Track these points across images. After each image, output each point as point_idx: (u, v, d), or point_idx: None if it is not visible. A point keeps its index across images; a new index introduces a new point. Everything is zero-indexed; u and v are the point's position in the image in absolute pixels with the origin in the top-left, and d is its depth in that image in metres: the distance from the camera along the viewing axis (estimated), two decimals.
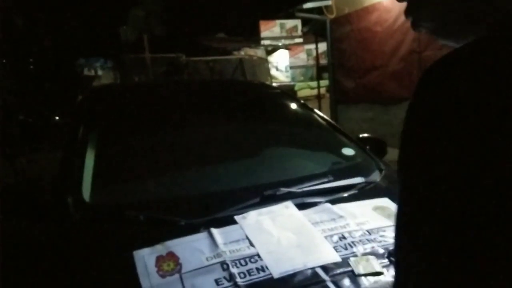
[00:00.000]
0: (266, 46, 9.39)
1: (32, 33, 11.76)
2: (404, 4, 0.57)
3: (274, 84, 8.24)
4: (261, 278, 1.22)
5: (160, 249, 1.33)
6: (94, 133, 2.01)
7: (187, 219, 1.47)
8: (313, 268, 1.25)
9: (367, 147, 2.23)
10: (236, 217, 1.50)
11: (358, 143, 2.23)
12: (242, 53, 9.92)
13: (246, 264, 1.28)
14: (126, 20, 9.34)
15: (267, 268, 1.25)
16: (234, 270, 1.24)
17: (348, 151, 2.16)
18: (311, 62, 9.50)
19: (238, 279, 1.20)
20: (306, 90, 9.65)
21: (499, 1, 0.48)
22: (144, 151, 2.05)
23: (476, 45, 0.47)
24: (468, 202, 0.43)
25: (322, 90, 8.00)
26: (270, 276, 1.23)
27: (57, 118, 10.14)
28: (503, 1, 0.48)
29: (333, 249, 1.34)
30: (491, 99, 0.42)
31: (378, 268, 1.25)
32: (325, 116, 2.52)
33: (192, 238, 1.38)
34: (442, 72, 0.47)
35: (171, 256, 1.30)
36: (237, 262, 1.28)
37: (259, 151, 2.14)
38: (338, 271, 1.25)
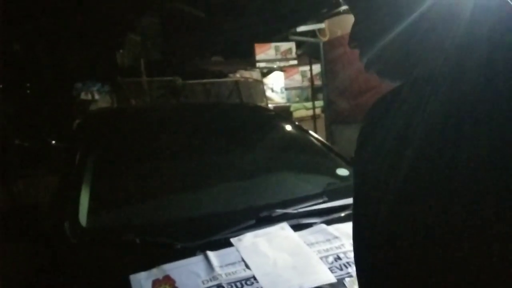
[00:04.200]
0: (261, 68, 9.50)
1: (29, 57, 11.87)
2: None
3: (270, 106, 8.31)
4: None
5: (156, 272, 1.33)
6: (91, 157, 2.03)
7: (183, 242, 1.48)
8: None
9: None
10: (232, 240, 1.51)
11: (352, 163, 2.25)
12: (238, 75, 10.02)
13: (242, 286, 1.28)
14: (123, 44, 9.46)
15: None
16: None
17: (342, 172, 2.18)
18: (306, 83, 9.59)
19: None
20: (301, 110, 9.71)
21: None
22: (140, 175, 2.07)
23: (399, 88, 0.64)
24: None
25: (318, 111, 8.07)
26: None
27: (53, 142, 10.14)
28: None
29: (328, 270, 1.35)
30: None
31: None
32: (319, 137, 2.55)
33: (188, 261, 1.39)
34: (379, 108, 0.66)
35: (168, 279, 1.31)
36: (233, 284, 1.29)
37: (254, 173, 2.16)
38: None
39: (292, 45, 8.32)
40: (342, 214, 1.72)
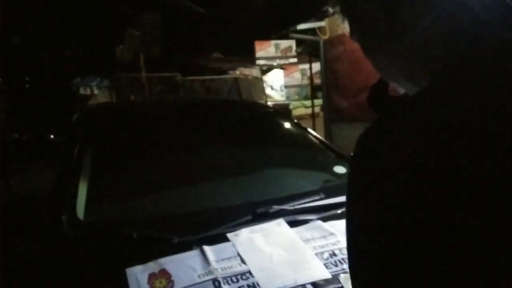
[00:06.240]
0: (261, 66, 9.49)
1: (29, 52, 11.84)
2: None
3: (269, 103, 8.32)
4: None
5: (152, 266, 1.34)
6: (89, 151, 2.04)
7: (179, 236, 1.48)
8: (303, 285, 1.27)
9: None
10: (229, 235, 1.51)
11: (349, 161, 2.26)
12: (238, 72, 10.03)
13: (238, 281, 1.29)
14: (123, 39, 9.45)
15: (258, 285, 1.27)
16: (226, 287, 1.26)
17: (339, 169, 2.19)
18: (306, 81, 9.61)
19: None
20: (300, 109, 9.74)
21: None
22: (138, 169, 2.07)
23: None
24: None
25: (317, 109, 8.08)
26: None
27: (52, 136, 10.14)
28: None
29: (323, 266, 1.36)
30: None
31: None
32: (317, 135, 2.56)
33: (185, 255, 1.40)
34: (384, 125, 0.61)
35: (164, 273, 1.31)
36: (228, 279, 1.29)
37: (252, 169, 2.17)
38: (328, 287, 1.27)
39: (292, 43, 8.32)
40: (338, 211, 1.73)
